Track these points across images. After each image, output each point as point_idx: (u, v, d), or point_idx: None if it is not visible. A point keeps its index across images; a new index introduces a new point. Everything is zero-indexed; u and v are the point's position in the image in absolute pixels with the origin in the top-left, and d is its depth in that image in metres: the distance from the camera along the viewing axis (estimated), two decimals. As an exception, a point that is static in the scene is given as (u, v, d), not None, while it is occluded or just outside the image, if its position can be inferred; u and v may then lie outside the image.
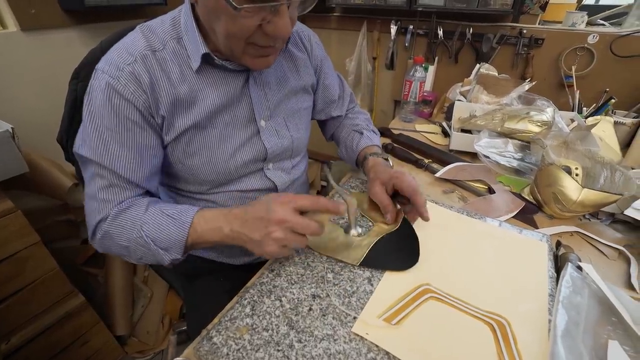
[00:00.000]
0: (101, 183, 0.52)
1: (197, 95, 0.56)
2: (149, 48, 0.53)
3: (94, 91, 0.51)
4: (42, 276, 1.00)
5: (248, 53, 0.51)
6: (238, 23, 0.45)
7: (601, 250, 0.61)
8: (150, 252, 0.51)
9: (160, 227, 0.51)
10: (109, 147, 0.51)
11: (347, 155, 0.79)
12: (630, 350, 0.42)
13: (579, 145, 0.76)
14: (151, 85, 0.52)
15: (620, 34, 0.95)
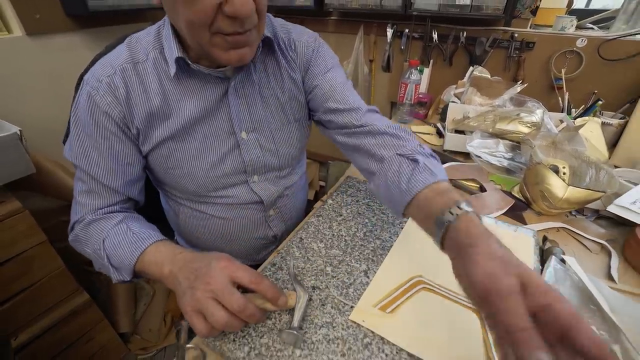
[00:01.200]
0: (81, 187, 0.55)
1: (174, 106, 0.55)
2: (130, 60, 0.53)
3: (80, 101, 0.53)
4: (48, 275, 1.03)
5: (216, 45, 0.46)
6: (194, 7, 0.42)
7: (585, 244, 0.64)
8: (104, 267, 0.52)
9: (119, 246, 0.51)
10: (88, 154, 0.54)
11: (387, 195, 0.54)
12: (606, 335, 0.45)
13: (566, 146, 0.80)
14: (127, 97, 0.52)
15: (607, 38, 0.99)
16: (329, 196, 0.73)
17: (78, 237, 0.55)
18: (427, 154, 0.55)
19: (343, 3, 1.24)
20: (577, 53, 1.04)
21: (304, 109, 0.67)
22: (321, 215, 0.67)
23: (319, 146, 1.74)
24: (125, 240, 0.51)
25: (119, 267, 0.50)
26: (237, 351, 0.42)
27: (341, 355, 0.41)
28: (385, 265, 0.54)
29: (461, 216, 0.39)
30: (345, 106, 0.62)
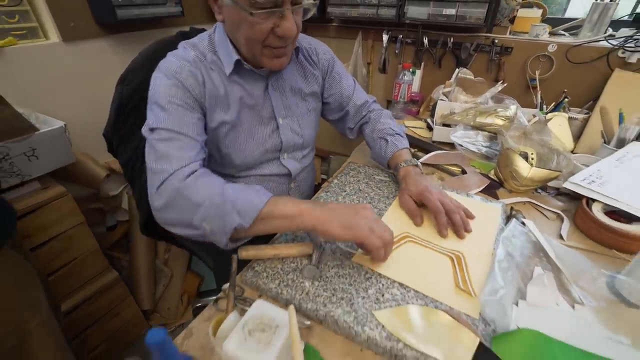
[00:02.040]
0: (169, 144, 0.61)
1: (231, 96, 0.72)
2: (197, 57, 0.70)
3: (160, 84, 0.65)
4: (84, 253, 1.16)
5: (265, 55, 0.67)
6: (255, 28, 0.61)
7: (545, 214, 0.78)
8: (221, 213, 0.55)
9: (242, 193, 0.57)
10: (178, 117, 0.63)
11: (379, 161, 0.90)
12: (550, 273, 0.59)
13: (535, 136, 0.94)
14: (203, 82, 0.69)
15: (573, 44, 1.13)
16: (334, 177, 0.88)
17: (187, 186, 0.57)
18: (394, 134, 0.87)
19: (343, 12, 1.38)
20: (549, 57, 1.18)
21: (320, 102, 0.90)
22: (329, 191, 0.81)
23: (321, 142, 1.88)
24: (248, 190, 0.58)
25: (243, 212, 0.54)
26: (270, 284, 0.56)
27: (349, 284, 0.55)
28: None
29: (404, 167, 0.78)
30: (355, 108, 0.92)
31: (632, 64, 1.08)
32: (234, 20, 0.64)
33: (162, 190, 0.58)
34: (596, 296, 0.55)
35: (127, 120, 0.94)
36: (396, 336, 0.47)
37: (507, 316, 0.50)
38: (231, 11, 0.63)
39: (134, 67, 0.92)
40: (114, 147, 1.00)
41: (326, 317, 0.51)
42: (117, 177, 1.44)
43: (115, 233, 1.52)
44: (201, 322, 0.54)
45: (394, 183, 0.84)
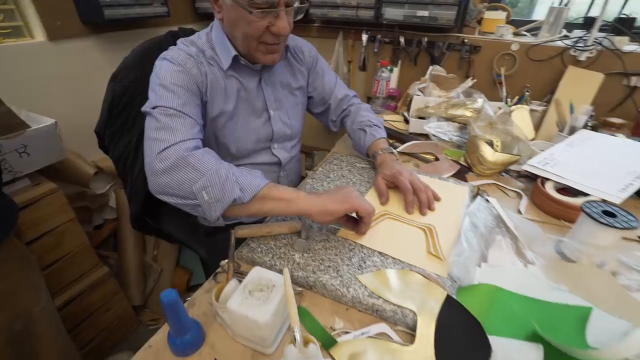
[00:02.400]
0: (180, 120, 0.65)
1: (228, 89, 0.79)
2: (198, 52, 0.76)
3: (166, 65, 0.70)
4: (76, 249, 1.19)
5: (260, 50, 0.74)
6: (252, 26, 0.68)
7: (507, 193, 0.88)
8: (223, 184, 0.57)
9: (245, 172, 0.62)
10: (181, 97, 0.67)
11: (359, 150, 0.98)
12: (509, 242, 0.68)
13: (499, 126, 1.04)
14: (205, 74, 0.75)
15: (533, 43, 1.25)
16: (319, 166, 0.95)
17: (194, 155, 0.60)
18: (373, 125, 0.95)
19: (325, 13, 1.46)
20: (512, 55, 1.29)
21: (306, 96, 0.98)
22: (314, 178, 0.88)
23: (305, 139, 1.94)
24: (250, 172, 0.63)
25: (245, 188, 0.59)
26: (264, 257, 0.62)
27: (334, 255, 0.62)
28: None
29: (381, 155, 0.86)
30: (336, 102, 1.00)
31: (582, 61, 1.20)
32: (233, 18, 0.71)
33: (166, 154, 0.60)
34: (545, 257, 0.64)
35: (119, 116, 0.97)
36: (377, 294, 0.54)
37: (470, 274, 0.58)
38: (230, 10, 0.70)
39: (126, 65, 0.96)
40: (106, 143, 1.03)
41: (315, 282, 0.58)
42: (104, 176, 1.46)
43: (102, 231, 1.54)
44: (202, 294, 0.60)
45: (373, 169, 0.92)
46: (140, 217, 1.09)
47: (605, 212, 0.61)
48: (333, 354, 0.48)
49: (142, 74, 0.93)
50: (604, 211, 0.61)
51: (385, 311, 0.53)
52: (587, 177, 0.79)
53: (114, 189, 1.52)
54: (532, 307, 0.53)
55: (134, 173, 1.02)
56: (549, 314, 0.52)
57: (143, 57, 0.97)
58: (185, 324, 0.47)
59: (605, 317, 0.49)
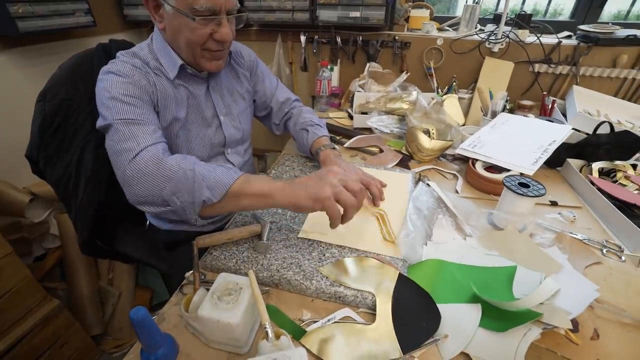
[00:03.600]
0: (142, 128, 0.65)
1: (178, 98, 0.79)
2: (142, 64, 0.75)
3: (113, 78, 0.69)
4: (17, 284, 1.09)
5: (204, 57, 0.75)
6: (195, 33, 0.70)
7: (445, 175, 0.98)
8: (191, 187, 0.58)
9: (214, 169, 0.61)
10: (136, 106, 0.68)
11: (303, 150, 0.99)
12: (450, 220, 0.77)
13: (433, 115, 1.15)
14: (153, 84, 0.75)
15: (454, 38, 1.39)
16: (271, 169, 0.97)
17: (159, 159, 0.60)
18: (314, 124, 0.97)
19: (261, 17, 1.47)
20: (439, 49, 1.42)
21: (252, 100, 1.00)
22: (269, 181, 0.91)
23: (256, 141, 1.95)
24: (220, 168, 0.62)
25: (214, 185, 0.58)
26: (229, 262, 0.64)
27: (295, 252, 0.66)
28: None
29: (323, 151, 0.89)
30: (278, 105, 1.03)
31: (496, 52, 1.36)
32: (175, 26, 0.72)
33: (135, 163, 0.60)
34: (480, 229, 0.74)
35: (53, 137, 0.91)
36: (338, 282, 0.59)
37: (418, 253, 0.65)
38: (173, 18, 0.71)
39: (55, 82, 0.90)
40: (41, 167, 0.96)
41: (280, 280, 0.61)
42: (41, 202, 1.35)
43: (46, 262, 1.42)
44: (170, 307, 0.60)
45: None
46: (89, 240, 1.03)
47: (520, 184, 0.72)
48: (304, 343, 0.52)
49: (76, 90, 0.89)
50: (520, 183, 0.72)
51: (347, 296, 0.58)
52: (507, 154, 0.91)
53: (54, 215, 1.41)
54: (471, 273, 0.61)
55: (78, 196, 0.96)
56: (484, 277, 0.60)
57: (74, 73, 0.92)
58: (158, 339, 0.48)
59: (526, 272, 0.59)
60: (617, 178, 0.88)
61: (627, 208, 0.77)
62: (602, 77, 1.33)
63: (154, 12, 0.73)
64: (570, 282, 0.56)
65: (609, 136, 0.94)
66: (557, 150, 0.91)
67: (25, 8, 1.14)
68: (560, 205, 0.83)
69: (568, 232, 0.71)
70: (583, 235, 0.72)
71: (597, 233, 0.75)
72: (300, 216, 0.76)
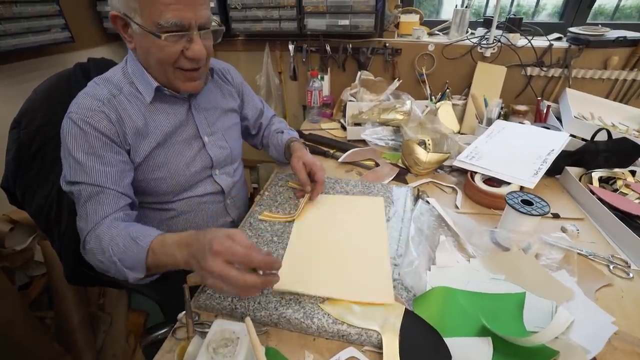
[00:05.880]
0: (87, 200, 0.65)
1: (153, 124, 0.74)
2: (110, 94, 0.71)
3: (72, 129, 0.66)
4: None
5: (178, 78, 0.70)
6: (165, 51, 0.65)
7: (444, 189, 0.95)
8: (120, 271, 0.59)
9: (126, 249, 0.58)
10: (93, 168, 0.65)
11: (277, 152, 1.00)
12: (451, 239, 0.74)
13: (428, 125, 1.12)
14: (118, 121, 0.69)
15: (445, 43, 1.36)
16: (264, 190, 0.94)
17: (92, 250, 0.62)
18: (287, 128, 1.03)
19: (247, 27, 1.43)
20: (430, 55, 1.40)
21: (239, 117, 0.97)
22: (262, 204, 0.87)
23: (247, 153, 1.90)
24: (129, 242, 0.58)
25: (132, 267, 0.58)
26: (223, 302, 0.60)
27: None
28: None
29: (295, 142, 0.93)
30: (268, 120, 1.05)
31: (488, 57, 1.34)
32: (144, 46, 0.67)
33: (83, 246, 0.65)
34: (483, 248, 0.71)
35: (31, 166, 0.86)
36: (340, 320, 0.56)
37: (422, 281, 0.62)
38: (141, 38, 0.66)
39: (29, 108, 0.85)
40: (19, 198, 0.91)
41: (279, 319, 0.58)
42: (22, 228, 1.29)
43: (31, 291, 1.36)
44: (164, 355, 0.56)
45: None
46: (75, 270, 0.98)
47: (523, 201, 0.70)
48: (308, 390, 0.49)
49: (53, 114, 0.84)
50: (523, 200, 0.70)
51: (351, 335, 0.55)
52: (506, 165, 0.89)
53: (37, 241, 1.35)
54: (477, 301, 0.59)
55: (61, 226, 0.91)
56: (491, 305, 0.58)
57: (50, 96, 0.87)
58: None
59: (535, 299, 0.56)
60: (618, 186, 0.86)
61: (630, 219, 0.76)
62: (593, 79, 1.32)
63: (122, 31, 0.68)
64: (583, 311, 0.54)
65: (607, 143, 0.93)
66: (555, 158, 0.89)
67: (-5, 27, 1.08)
68: (562, 217, 0.81)
69: (573, 248, 0.69)
70: (588, 250, 0.70)
71: (602, 247, 0.73)
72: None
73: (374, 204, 0.84)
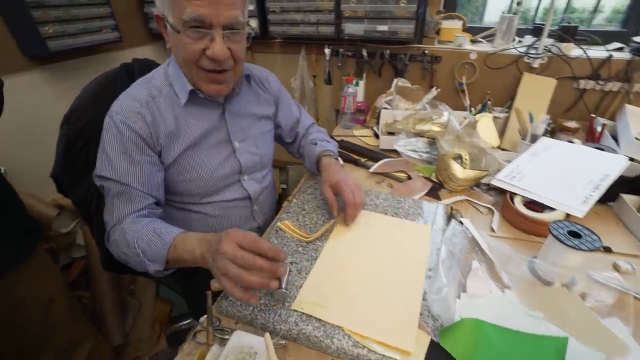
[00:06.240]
0: (114, 195, 0.70)
1: (185, 127, 0.76)
2: (149, 95, 0.73)
3: (111, 128, 0.71)
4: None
5: (201, 78, 0.70)
6: (187, 49, 0.65)
7: (479, 209, 0.90)
8: (140, 261, 0.63)
9: (149, 243, 0.63)
10: (124, 167, 0.70)
11: (310, 164, 0.96)
12: (484, 265, 0.70)
13: (466, 138, 1.06)
14: (152, 122, 0.72)
15: (489, 52, 1.29)
16: (293, 196, 0.93)
17: (116, 241, 0.67)
18: (323, 139, 0.99)
19: (285, 30, 1.43)
20: (472, 64, 1.33)
21: (273, 124, 0.97)
22: (289, 211, 0.86)
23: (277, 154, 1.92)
24: (153, 237, 0.63)
25: (154, 260, 0.62)
26: (245, 311, 0.61)
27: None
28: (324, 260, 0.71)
29: (325, 159, 0.89)
30: (304, 130, 1.03)
31: (536, 68, 1.25)
32: (174, 44, 0.69)
33: (107, 238, 0.71)
34: (520, 279, 0.66)
35: (76, 160, 0.92)
36: (361, 344, 0.54)
37: (451, 310, 0.59)
38: (173, 36, 0.67)
39: (78, 106, 0.90)
40: (65, 188, 0.97)
41: (299, 334, 0.57)
42: (68, 213, 1.38)
43: (72, 271, 1.45)
44: (183, 357, 0.57)
45: (348, 196, 0.91)
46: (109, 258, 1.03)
47: (570, 233, 0.64)
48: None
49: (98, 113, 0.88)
50: (570, 232, 0.64)
51: (371, 360, 0.53)
52: (551, 189, 0.83)
53: (80, 226, 1.44)
54: (510, 339, 0.54)
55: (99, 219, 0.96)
56: (526, 346, 0.53)
57: (97, 95, 0.92)
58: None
59: (580, 348, 0.51)
60: (682, 221, 0.77)
61: (695, 260, 0.67)
62: (658, 96, 1.20)
63: (163, 31, 0.70)
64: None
65: (672, 170, 0.83)
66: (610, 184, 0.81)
67: (55, 28, 1.16)
68: (615, 252, 0.74)
69: (629, 291, 0.62)
70: (645, 293, 0.63)
71: (661, 290, 0.65)
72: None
73: (419, 233, 0.77)
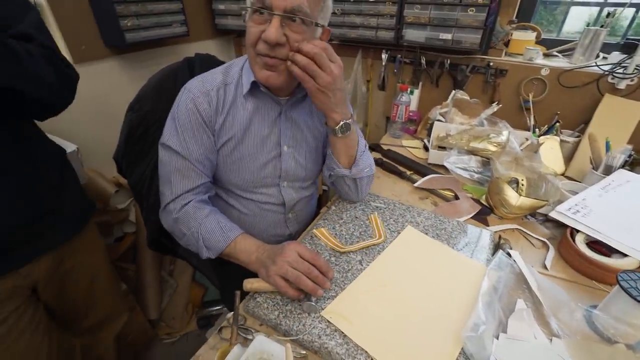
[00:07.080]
0: (174, 169, 0.75)
1: (244, 118, 0.77)
2: (222, 83, 0.76)
3: (182, 102, 0.75)
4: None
5: (257, 63, 0.69)
6: (250, 31, 0.66)
7: (531, 242, 0.82)
8: (196, 244, 0.73)
9: (212, 232, 0.72)
10: (186, 140, 0.74)
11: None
12: (531, 306, 0.63)
13: (526, 162, 0.97)
14: (216, 107, 0.75)
15: (565, 68, 1.17)
16: (332, 203, 0.92)
17: (179, 219, 0.74)
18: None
19: (343, 33, 1.42)
20: (542, 80, 1.22)
21: (323, 140, 0.90)
22: (326, 218, 0.85)
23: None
24: (217, 229, 0.72)
25: (210, 248, 0.71)
26: (270, 315, 0.61)
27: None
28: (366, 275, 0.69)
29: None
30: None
31: (621, 89, 1.11)
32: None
33: (163, 214, 0.78)
34: (573, 330, 0.59)
35: (135, 146, 0.98)
36: (384, 370, 0.52)
37: (487, 351, 0.54)
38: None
39: (142, 95, 0.97)
40: (123, 169, 1.05)
41: (320, 348, 0.55)
42: (125, 191, 1.49)
43: (122, 244, 1.57)
44: (207, 350, 0.59)
45: (388, 210, 0.88)
46: (154, 239, 1.10)
47: (642, 286, 0.55)
48: None
49: (158, 104, 0.94)
50: (642, 285, 0.56)
51: (393, 390, 0.50)
52: (623, 231, 0.73)
53: (133, 204, 1.56)
54: (554, 397, 0.48)
55: (149, 201, 1.03)
56: (573, 408, 0.47)
57: (160, 86, 0.98)
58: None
59: None
60: None
61: None
62: None
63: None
64: None
65: None
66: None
67: (133, 21, 1.26)
68: (696, 315, 0.63)
69: None
70: None
71: None
72: (353, 270, 0.70)
73: (473, 271, 0.70)
